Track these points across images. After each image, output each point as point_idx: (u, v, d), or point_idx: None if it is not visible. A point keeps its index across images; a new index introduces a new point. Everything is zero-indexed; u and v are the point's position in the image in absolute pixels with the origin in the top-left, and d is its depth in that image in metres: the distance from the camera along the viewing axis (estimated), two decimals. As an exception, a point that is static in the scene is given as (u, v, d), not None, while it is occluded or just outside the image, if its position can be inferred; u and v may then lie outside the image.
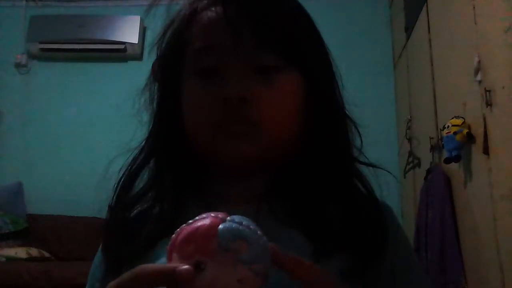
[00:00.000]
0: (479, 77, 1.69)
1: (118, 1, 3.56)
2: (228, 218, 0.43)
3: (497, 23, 1.56)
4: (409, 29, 2.83)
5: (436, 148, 2.25)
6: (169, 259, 0.43)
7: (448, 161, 1.89)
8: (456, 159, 1.85)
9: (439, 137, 2.13)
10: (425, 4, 2.46)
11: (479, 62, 1.70)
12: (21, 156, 3.30)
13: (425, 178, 2.28)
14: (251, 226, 0.43)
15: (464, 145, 1.83)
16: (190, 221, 0.44)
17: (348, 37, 3.12)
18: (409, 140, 2.74)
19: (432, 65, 2.36)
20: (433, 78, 2.34)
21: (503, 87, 1.53)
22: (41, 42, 3.41)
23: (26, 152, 3.31)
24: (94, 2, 3.56)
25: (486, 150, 1.64)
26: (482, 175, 1.69)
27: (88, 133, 3.28)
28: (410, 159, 2.68)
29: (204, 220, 0.43)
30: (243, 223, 0.43)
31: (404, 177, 2.78)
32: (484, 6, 1.71)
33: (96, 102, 3.34)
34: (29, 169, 3.24)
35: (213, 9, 0.62)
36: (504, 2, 1.53)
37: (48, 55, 3.48)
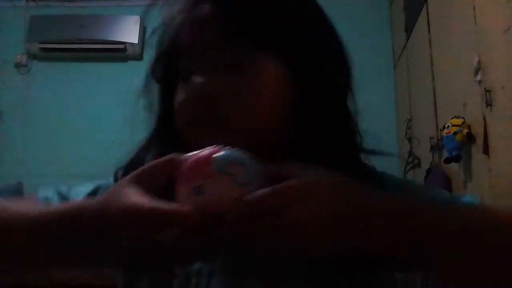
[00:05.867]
0: (479, 77, 1.69)
1: (118, 1, 3.56)
2: (226, 147, 0.49)
3: (497, 23, 1.56)
4: (409, 29, 2.83)
5: (436, 148, 2.25)
6: (178, 184, 0.49)
7: (448, 161, 1.89)
8: (456, 159, 1.85)
9: (439, 137, 2.13)
10: (425, 4, 2.46)
11: (479, 62, 1.70)
12: (21, 156, 3.29)
13: (425, 178, 2.28)
14: (245, 154, 0.49)
15: (464, 145, 1.83)
16: (194, 152, 0.49)
17: (348, 37, 3.08)
18: (409, 140, 2.73)
19: (432, 65, 2.36)
20: (433, 78, 2.33)
21: (503, 87, 1.53)
22: (41, 42, 3.40)
23: (26, 152, 3.30)
24: (94, 2, 3.56)
25: (486, 150, 1.63)
26: (482, 175, 1.69)
27: (88, 133, 3.28)
28: (410, 159, 2.68)
29: (204, 150, 0.49)
30: (239, 151, 0.49)
31: (404, 177, 2.77)
32: (484, 6, 1.71)
33: (96, 102, 3.33)
34: (29, 169, 3.23)
35: (183, 12, 0.62)
36: (504, 2, 1.53)
37: (48, 55, 3.47)
